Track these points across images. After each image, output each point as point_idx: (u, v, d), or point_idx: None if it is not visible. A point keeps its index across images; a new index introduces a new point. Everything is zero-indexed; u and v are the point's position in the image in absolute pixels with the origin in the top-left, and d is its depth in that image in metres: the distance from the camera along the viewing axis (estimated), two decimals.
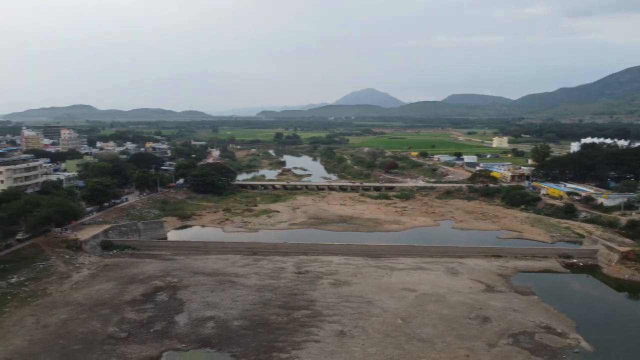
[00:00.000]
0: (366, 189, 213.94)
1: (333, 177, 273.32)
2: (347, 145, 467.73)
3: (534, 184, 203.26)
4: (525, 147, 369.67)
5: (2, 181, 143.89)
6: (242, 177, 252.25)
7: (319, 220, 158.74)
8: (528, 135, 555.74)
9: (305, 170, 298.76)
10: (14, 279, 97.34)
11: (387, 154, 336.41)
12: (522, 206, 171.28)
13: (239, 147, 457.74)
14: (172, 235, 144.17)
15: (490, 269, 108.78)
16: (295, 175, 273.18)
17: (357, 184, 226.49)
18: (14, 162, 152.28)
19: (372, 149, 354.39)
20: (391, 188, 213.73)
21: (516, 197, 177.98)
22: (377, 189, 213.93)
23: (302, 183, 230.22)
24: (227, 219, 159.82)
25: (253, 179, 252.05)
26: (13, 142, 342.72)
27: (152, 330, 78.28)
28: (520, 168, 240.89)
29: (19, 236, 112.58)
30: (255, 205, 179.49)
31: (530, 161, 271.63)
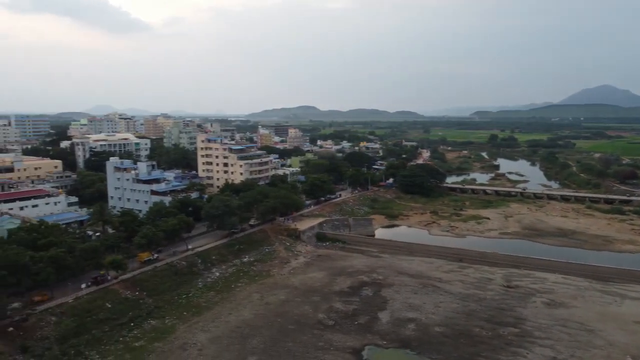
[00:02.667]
0: (594, 200, 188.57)
1: (554, 184, 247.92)
2: (572, 150, 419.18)
3: None
4: None
5: (241, 173, 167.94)
6: (451, 180, 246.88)
7: (534, 232, 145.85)
8: None
9: (521, 175, 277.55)
10: (246, 258, 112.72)
11: (623, 162, 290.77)
12: None
13: (449, 148, 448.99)
14: (379, 233, 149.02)
15: None
16: (509, 180, 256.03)
17: (583, 194, 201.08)
18: (251, 157, 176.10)
19: (605, 155, 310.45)
20: (627, 202, 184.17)
21: None
22: (608, 201, 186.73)
23: (516, 189, 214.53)
24: (433, 222, 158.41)
25: (463, 182, 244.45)
26: (251, 139, 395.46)
27: (356, 322, 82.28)
28: None
29: (251, 222, 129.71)
30: (464, 210, 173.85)
31: None
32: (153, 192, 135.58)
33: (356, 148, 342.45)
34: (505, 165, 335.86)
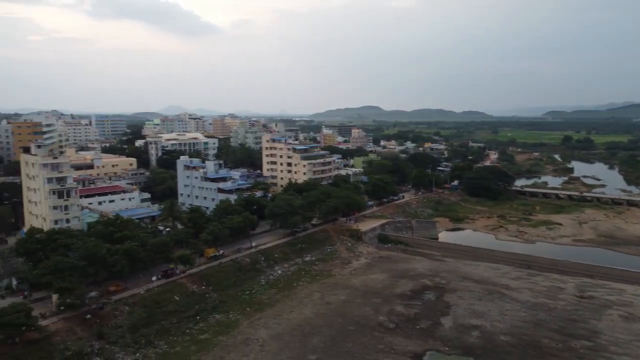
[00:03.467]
0: None
1: (635, 190, 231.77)
2: None
3: None
4: None
5: (304, 173, 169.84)
6: (520, 183, 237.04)
7: (612, 240, 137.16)
8: None
9: (597, 179, 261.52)
10: (308, 258, 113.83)
11: None
12: None
13: (519, 150, 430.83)
14: (443, 236, 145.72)
15: None
16: (584, 184, 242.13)
17: None
18: (314, 157, 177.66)
19: None
20: None
21: None
22: None
23: (592, 194, 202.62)
24: (500, 226, 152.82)
25: (533, 185, 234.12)
26: (314, 139, 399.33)
27: (417, 327, 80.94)
28: None
29: (313, 222, 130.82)
30: (534, 215, 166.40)
31: None
32: (220, 190, 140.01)
33: (420, 149, 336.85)
34: (579, 168, 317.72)
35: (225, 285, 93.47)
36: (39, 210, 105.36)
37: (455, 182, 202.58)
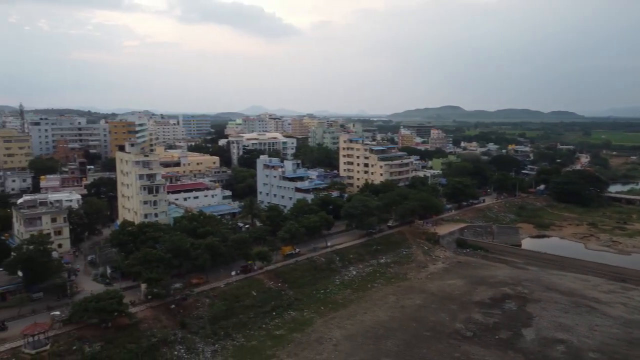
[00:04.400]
0: None
1: None
2: None
3: None
4: None
5: (381, 174, 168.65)
6: (615, 189, 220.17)
7: None
8: None
9: None
10: (383, 259, 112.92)
11: None
12: None
13: (614, 153, 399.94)
14: (526, 243, 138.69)
15: None
16: None
17: None
18: (391, 158, 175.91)
19: None
20: None
21: None
22: None
23: None
24: (591, 235, 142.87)
25: (630, 191, 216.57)
26: (392, 140, 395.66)
27: (496, 337, 77.69)
28: None
29: (389, 223, 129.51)
30: (629, 223, 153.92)
31: None
32: (297, 190, 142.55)
33: (504, 151, 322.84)
34: None
35: (301, 283, 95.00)
36: (131, 205, 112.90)
37: (542, 187, 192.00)
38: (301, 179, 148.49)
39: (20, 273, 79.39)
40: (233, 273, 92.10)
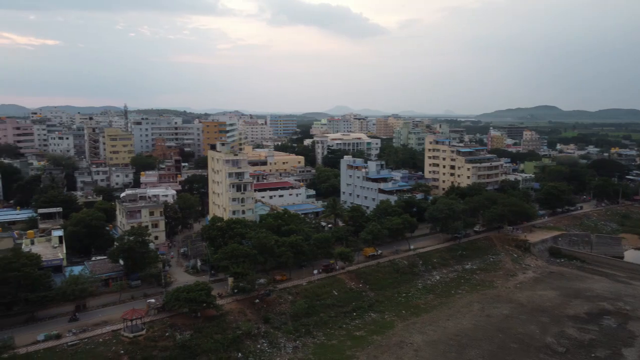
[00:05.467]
0: None
1: None
2: None
3: None
4: None
5: (468, 177, 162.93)
6: None
7: None
8: None
9: None
10: (468, 265, 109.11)
11: None
12: None
13: None
14: (630, 255, 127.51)
15: None
16: None
17: None
18: (480, 161, 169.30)
19: None
20: None
21: None
22: None
23: None
24: None
25: None
26: (480, 142, 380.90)
27: (592, 355, 72.27)
28: None
29: (476, 228, 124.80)
30: None
31: None
32: (380, 191, 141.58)
33: (605, 154, 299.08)
34: None
35: (382, 285, 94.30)
36: (221, 201, 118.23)
37: None
38: (385, 180, 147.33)
39: (121, 262, 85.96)
40: (315, 272, 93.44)
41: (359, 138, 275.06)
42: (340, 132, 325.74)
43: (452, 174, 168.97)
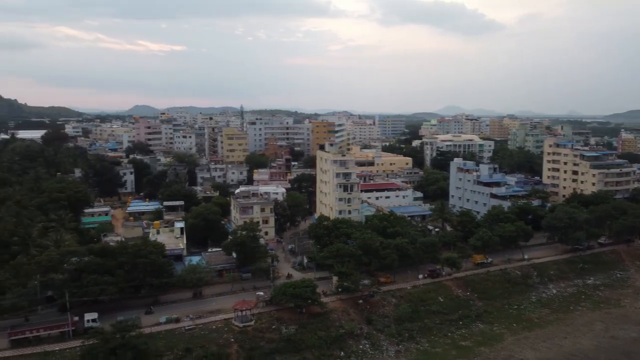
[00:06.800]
0: None
1: None
2: None
3: None
4: None
5: (593, 183, 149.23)
6: None
7: None
8: None
9: None
10: (590, 280, 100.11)
11: None
12: None
13: None
14: None
15: None
16: None
17: None
18: (608, 167, 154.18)
19: None
20: None
21: None
22: None
23: None
24: None
25: None
26: (609, 145, 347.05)
27: None
28: None
29: (601, 240, 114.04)
30: None
31: None
32: (492, 196, 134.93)
33: None
34: None
35: (492, 295, 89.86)
36: (328, 200, 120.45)
37: None
38: (497, 184, 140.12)
39: (234, 254, 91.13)
40: (420, 276, 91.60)
41: (471, 140, 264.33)
42: (451, 134, 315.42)
43: (574, 180, 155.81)
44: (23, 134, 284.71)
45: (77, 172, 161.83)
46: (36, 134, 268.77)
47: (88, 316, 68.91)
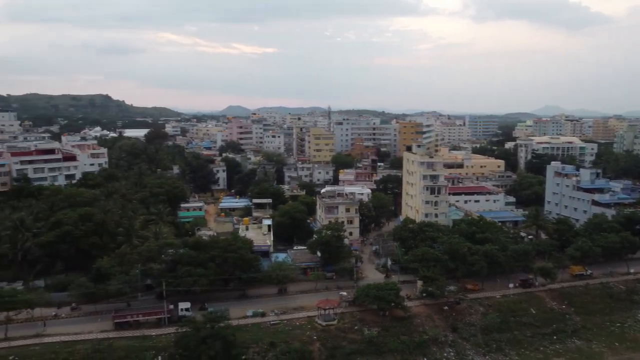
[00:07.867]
0: None
1: None
2: None
3: None
4: None
5: None
6: None
7: None
8: None
9: None
10: None
11: None
12: None
13: None
14: None
15: None
16: None
17: None
18: None
19: None
20: None
21: None
22: None
23: None
24: None
25: None
26: None
27: None
28: None
29: None
30: None
31: None
32: (594, 203, 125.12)
33: None
34: None
35: (591, 310, 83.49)
36: (414, 203, 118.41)
37: None
38: (600, 190, 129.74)
39: (318, 253, 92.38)
40: (510, 285, 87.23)
41: (571, 142, 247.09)
42: (548, 135, 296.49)
43: None
44: (129, 133, 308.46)
45: (175, 168, 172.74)
46: (140, 133, 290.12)
47: (182, 305, 73.30)
